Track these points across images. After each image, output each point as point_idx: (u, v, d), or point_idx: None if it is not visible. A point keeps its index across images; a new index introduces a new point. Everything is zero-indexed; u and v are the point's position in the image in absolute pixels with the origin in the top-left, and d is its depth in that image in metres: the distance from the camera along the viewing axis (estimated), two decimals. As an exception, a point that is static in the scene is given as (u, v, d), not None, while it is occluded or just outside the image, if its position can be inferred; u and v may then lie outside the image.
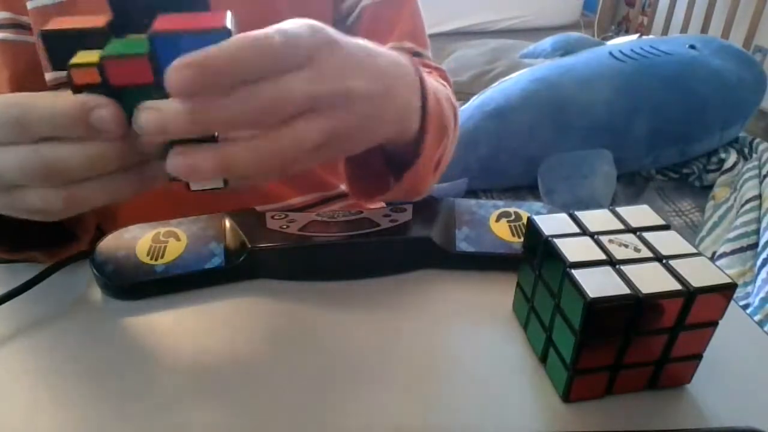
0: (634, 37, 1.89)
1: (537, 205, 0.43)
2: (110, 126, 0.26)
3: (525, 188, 1.54)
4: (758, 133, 1.72)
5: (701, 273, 0.28)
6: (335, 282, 0.39)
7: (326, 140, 0.29)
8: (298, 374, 0.32)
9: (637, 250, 0.30)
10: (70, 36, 0.26)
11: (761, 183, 1.37)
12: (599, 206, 0.42)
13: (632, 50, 1.59)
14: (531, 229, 0.33)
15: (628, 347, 0.29)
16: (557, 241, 0.30)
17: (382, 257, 0.40)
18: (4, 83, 0.46)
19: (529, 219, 0.33)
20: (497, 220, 0.41)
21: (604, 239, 0.31)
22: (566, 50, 1.86)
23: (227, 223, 0.40)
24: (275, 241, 0.39)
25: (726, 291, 0.28)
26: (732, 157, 1.53)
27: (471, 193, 1.53)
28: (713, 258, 1.25)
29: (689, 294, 0.27)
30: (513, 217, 0.41)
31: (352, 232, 0.39)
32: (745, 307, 1.08)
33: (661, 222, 0.32)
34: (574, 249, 0.30)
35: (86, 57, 0.26)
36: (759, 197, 1.33)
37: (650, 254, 0.30)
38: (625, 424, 0.29)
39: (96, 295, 0.38)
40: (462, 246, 0.40)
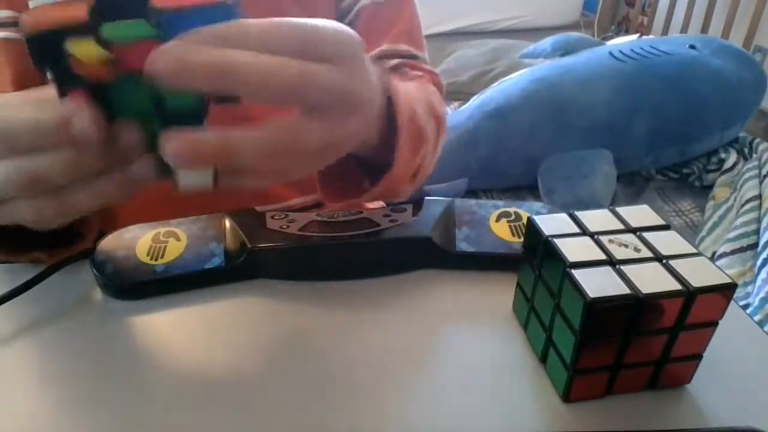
0: (634, 37, 1.90)
1: (537, 205, 0.43)
2: (90, 131, 0.25)
3: (525, 188, 1.54)
4: (758, 133, 1.72)
5: (701, 273, 0.28)
6: (335, 282, 0.39)
7: (326, 144, 0.29)
8: (299, 374, 0.32)
9: (637, 250, 0.30)
10: (53, 34, 0.24)
11: (761, 183, 1.37)
12: (599, 206, 0.42)
13: (632, 50, 1.59)
14: (531, 229, 0.33)
15: (628, 347, 0.29)
16: (557, 241, 0.30)
17: (382, 257, 0.40)
18: (8, 82, 0.46)
19: (529, 219, 0.33)
20: (497, 220, 0.41)
21: (604, 239, 0.31)
22: (566, 50, 1.86)
23: (227, 223, 0.40)
24: (275, 241, 0.39)
25: (726, 291, 0.28)
26: (732, 157, 1.53)
27: (471, 193, 1.53)
28: (713, 258, 1.25)
29: (689, 294, 0.27)
30: (513, 217, 0.41)
31: (352, 232, 0.39)
32: (745, 307, 1.08)
33: (661, 222, 0.32)
34: (574, 249, 0.30)
35: (83, 47, 0.24)
36: (759, 197, 1.33)
37: (650, 254, 0.30)
38: (625, 424, 0.29)
39: (96, 295, 0.38)
40: (462, 246, 0.39)
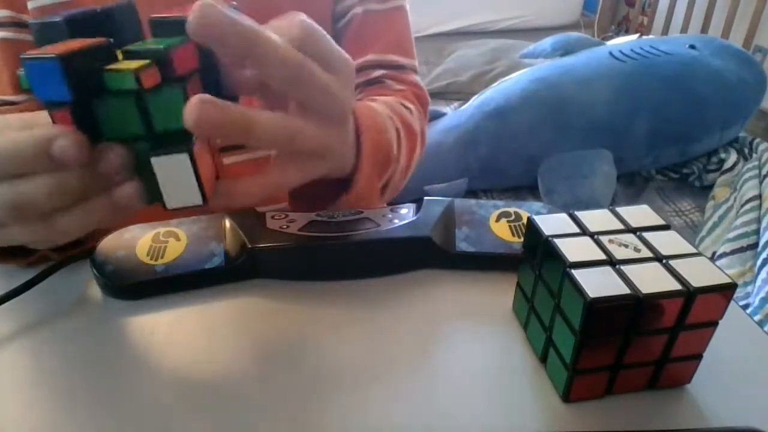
0: (634, 37, 1.90)
1: (537, 205, 0.43)
2: (71, 153, 0.25)
3: (525, 188, 1.54)
4: (758, 133, 1.72)
5: (701, 273, 0.28)
6: (335, 282, 0.39)
7: (319, 150, 0.33)
8: (299, 374, 0.32)
9: (637, 250, 0.30)
10: (83, 56, 0.26)
11: (761, 183, 1.37)
12: (599, 206, 0.42)
13: (632, 50, 1.59)
14: (531, 229, 0.33)
15: (628, 347, 0.29)
16: (557, 241, 0.30)
17: (382, 257, 0.40)
18: (6, 83, 0.46)
19: (529, 219, 0.33)
20: (497, 220, 0.41)
21: (604, 239, 0.31)
22: (566, 50, 1.87)
23: (227, 223, 0.40)
24: (275, 241, 0.39)
25: (726, 291, 0.28)
26: (732, 157, 1.53)
27: (471, 193, 1.53)
28: (713, 258, 1.25)
29: (689, 294, 0.27)
30: (513, 217, 0.41)
31: (352, 232, 0.39)
32: (745, 307, 1.08)
33: (661, 222, 0.32)
34: (574, 249, 0.30)
35: (127, 63, 0.26)
36: (759, 197, 1.33)
37: (650, 254, 0.30)
38: (625, 424, 0.29)
39: (96, 295, 0.38)
40: (462, 246, 0.39)
